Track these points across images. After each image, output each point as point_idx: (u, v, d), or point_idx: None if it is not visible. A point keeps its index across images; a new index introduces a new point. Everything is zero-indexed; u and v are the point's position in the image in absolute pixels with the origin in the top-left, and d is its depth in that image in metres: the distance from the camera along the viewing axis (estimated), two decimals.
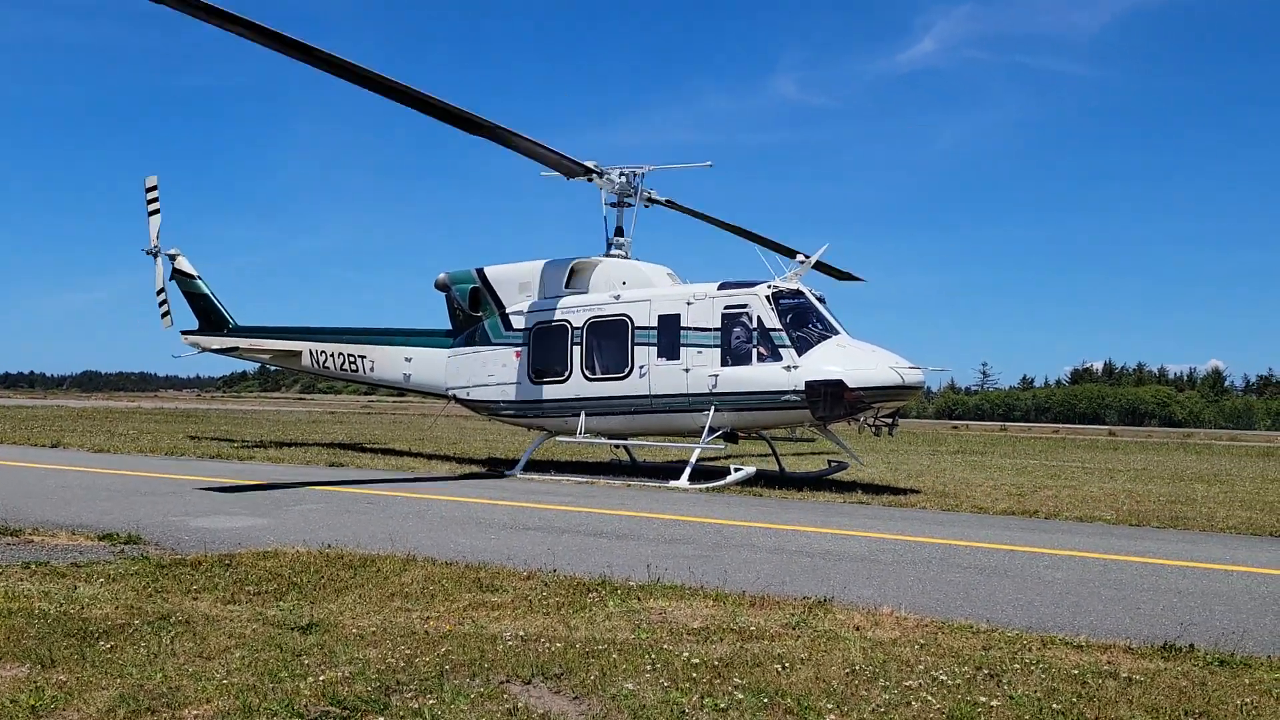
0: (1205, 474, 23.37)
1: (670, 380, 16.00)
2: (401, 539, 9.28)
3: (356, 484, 14.65)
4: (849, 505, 13.63)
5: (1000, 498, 15.16)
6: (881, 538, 10.31)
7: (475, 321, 18.52)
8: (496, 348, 18.04)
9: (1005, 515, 12.99)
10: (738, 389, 15.49)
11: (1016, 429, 74.04)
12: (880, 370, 14.75)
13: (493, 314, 18.25)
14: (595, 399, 16.76)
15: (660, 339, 16.22)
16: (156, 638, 5.65)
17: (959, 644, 5.95)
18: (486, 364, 18.11)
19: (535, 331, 17.55)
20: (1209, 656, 5.84)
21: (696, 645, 5.76)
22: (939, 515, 12.78)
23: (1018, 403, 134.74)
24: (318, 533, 9.58)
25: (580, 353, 16.92)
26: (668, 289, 17.13)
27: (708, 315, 15.90)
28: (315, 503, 12.23)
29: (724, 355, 15.72)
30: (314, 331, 21.81)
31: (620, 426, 17.00)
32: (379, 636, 5.81)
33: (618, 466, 19.47)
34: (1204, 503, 15.52)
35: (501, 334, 18.02)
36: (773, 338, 15.42)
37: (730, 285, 16.15)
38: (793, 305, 15.91)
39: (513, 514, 11.60)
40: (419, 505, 12.24)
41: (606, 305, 16.91)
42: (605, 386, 16.71)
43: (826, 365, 14.95)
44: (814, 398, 14.87)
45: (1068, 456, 30.74)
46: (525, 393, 17.57)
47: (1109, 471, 23.20)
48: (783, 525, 11.10)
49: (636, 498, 13.83)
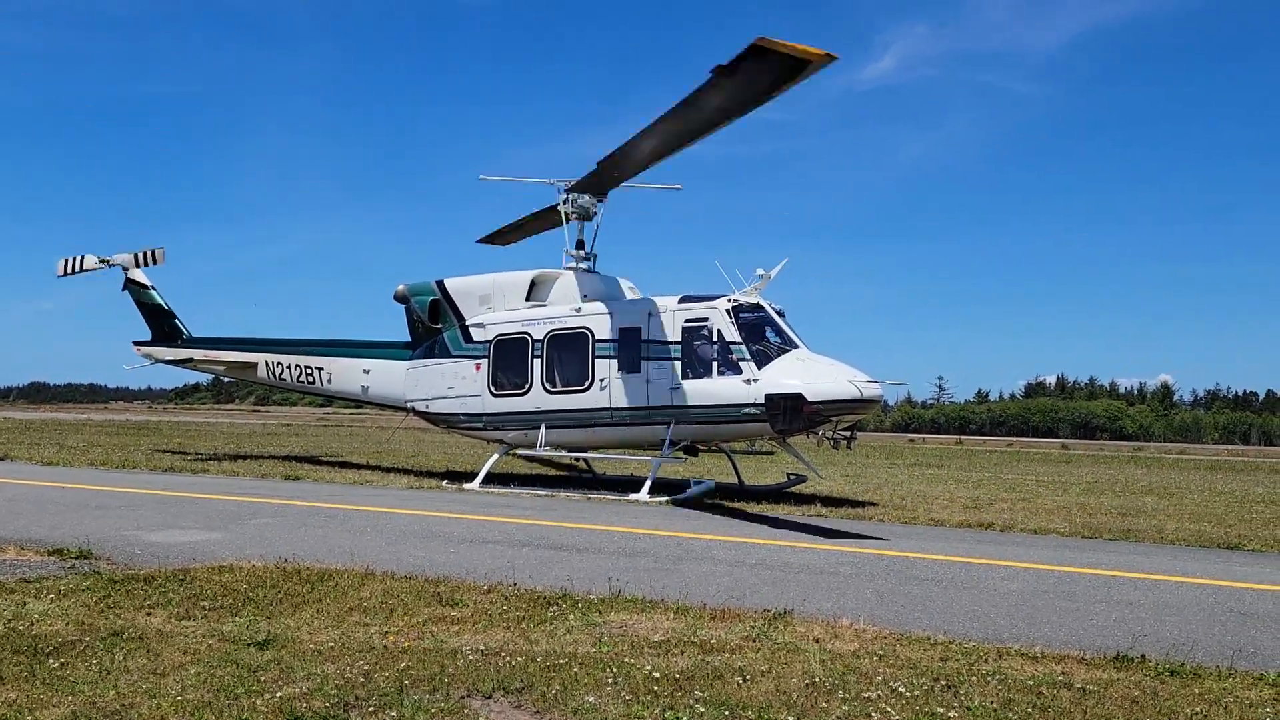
0: (1155, 487, 23.84)
1: (631, 393, 16.03)
2: (359, 553, 9.20)
3: (313, 497, 14.51)
4: (808, 518, 13.71)
5: (956, 510, 15.33)
6: (841, 550, 10.38)
7: (435, 333, 18.43)
8: (456, 360, 17.95)
9: (961, 528, 13.14)
10: (698, 402, 15.55)
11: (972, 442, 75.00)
12: (839, 384, 14.88)
13: (452, 326, 18.17)
14: (556, 412, 16.74)
15: (621, 352, 16.25)
16: (109, 654, 5.55)
17: (917, 655, 6.02)
18: (446, 376, 18.03)
19: (495, 344, 17.50)
20: (1160, 667, 5.96)
21: (657, 658, 5.77)
22: (897, 529, 12.89)
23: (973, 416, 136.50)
24: (274, 546, 9.47)
25: (541, 365, 16.90)
26: (629, 301, 17.16)
27: (668, 328, 15.95)
28: (271, 516, 12.10)
29: (684, 368, 15.78)
30: (270, 343, 21.55)
31: (581, 439, 16.97)
32: (337, 652, 5.76)
33: (578, 480, 19.43)
34: (1154, 515, 15.83)
35: (461, 346, 17.95)
36: (733, 351, 15.52)
37: (691, 299, 16.22)
38: (753, 319, 16.00)
39: (472, 527, 11.54)
40: (377, 519, 12.15)
41: (567, 318, 16.91)
42: (566, 399, 16.69)
43: (786, 379, 15.06)
44: (773, 411, 14.96)
45: (1022, 469, 31.19)
46: (485, 405, 17.50)
47: (1062, 484, 23.57)
48: (743, 538, 11.14)
49: (597, 511, 13.82)
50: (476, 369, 17.64)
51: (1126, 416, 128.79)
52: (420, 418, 19.28)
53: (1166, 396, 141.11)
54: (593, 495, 15.91)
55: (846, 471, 25.22)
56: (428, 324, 18.44)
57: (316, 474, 19.11)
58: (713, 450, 18.80)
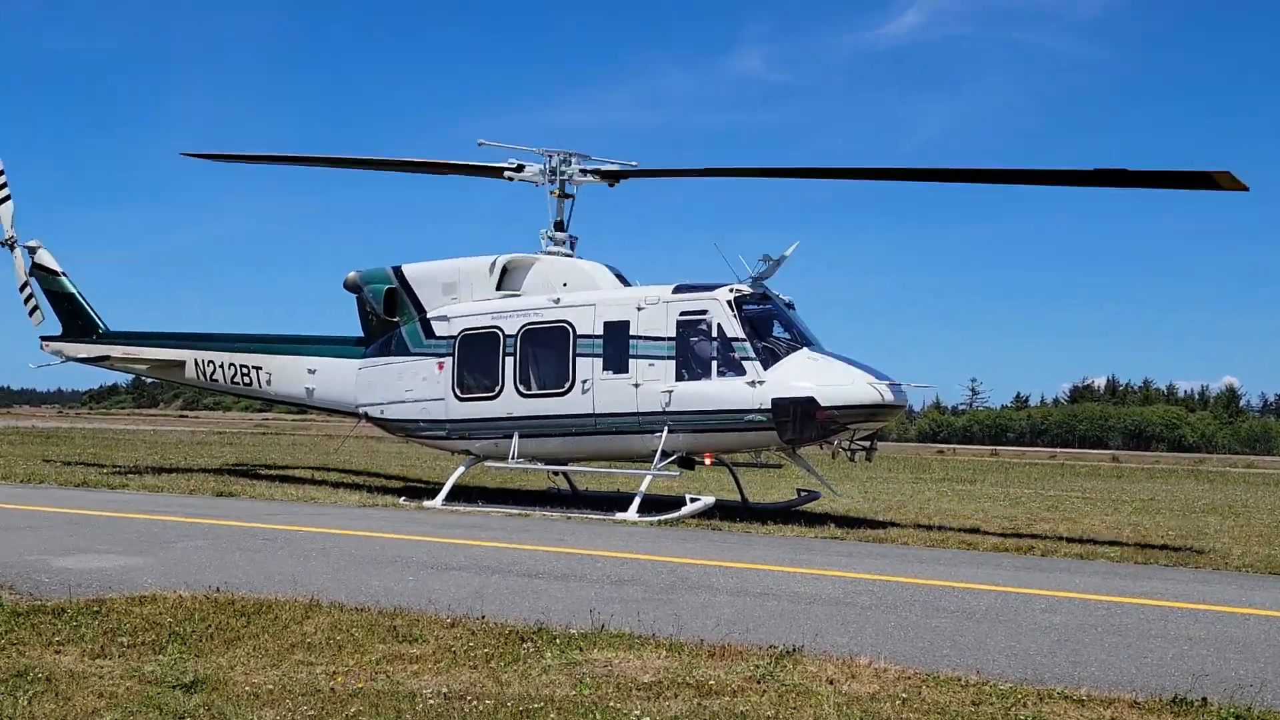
0: (1219, 505, 23.96)
1: (618, 397, 16.03)
2: (303, 580, 9.18)
3: (250, 516, 14.46)
4: (821, 540, 13.73)
5: (991, 531, 15.37)
6: (858, 578, 10.40)
7: (391, 327, 18.40)
8: (415, 358, 17.92)
9: (997, 552, 13.18)
10: (695, 407, 15.56)
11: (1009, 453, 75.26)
12: (857, 387, 14.90)
13: (411, 319, 18.15)
14: (531, 418, 16.73)
15: (606, 349, 16.24)
16: (11, 698, 5.52)
17: (946, 699, 6.03)
18: (404, 377, 18.00)
19: (461, 340, 17.48)
20: (1224, 711, 5.99)
21: (648, 702, 5.77)
22: (922, 552, 12.93)
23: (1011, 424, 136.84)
24: (204, 574, 9.44)
25: (513, 365, 16.89)
26: (615, 292, 17.15)
27: (661, 322, 15.96)
28: (200, 538, 12.05)
29: (679, 368, 15.78)
30: (200, 338, 21.48)
31: (559, 450, 16.96)
32: (277, 695, 5.74)
33: (556, 496, 19.43)
34: (1217, 537, 15.91)
35: (422, 342, 17.92)
36: (735, 348, 15.53)
37: (687, 288, 16.23)
38: (758, 311, 16.01)
39: (434, 551, 11.52)
40: (324, 541, 12.12)
41: (544, 310, 16.91)
42: (542, 404, 16.68)
43: (796, 380, 15.08)
44: (782, 417, 14.98)
45: (1067, 485, 31.31)
46: (449, 410, 17.48)
47: (1112, 502, 23.68)
48: (746, 564, 11.16)
49: (578, 532, 13.81)
50: (439, 368, 17.61)
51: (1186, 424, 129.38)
52: (374, 424, 19.23)
53: (1232, 402, 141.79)
54: (573, 514, 15.90)
55: (865, 487, 25.26)
56: (383, 317, 18.40)
57: (254, 489, 19.05)
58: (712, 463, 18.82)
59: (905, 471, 35.96)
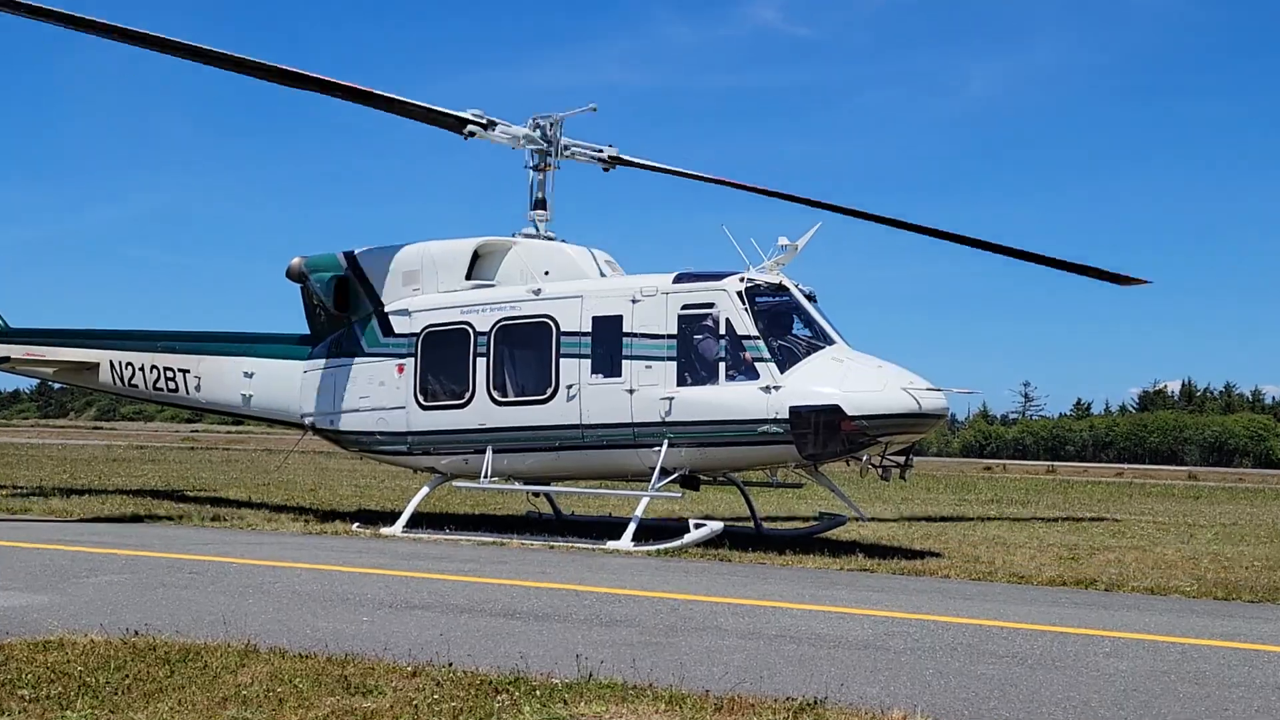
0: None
1: (609, 404, 16.02)
2: (238, 622, 9.16)
3: (176, 546, 14.41)
4: (848, 574, 13.72)
5: (1047, 562, 15.37)
6: (891, 617, 10.41)
7: (342, 324, 18.38)
8: (371, 360, 17.91)
9: (1053, 586, 13.19)
10: (699, 417, 15.55)
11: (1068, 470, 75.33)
12: (890, 392, 14.90)
13: (366, 314, 18.13)
14: (507, 430, 16.71)
15: (595, 349, 16.24)
16: None
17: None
18: (357, 382, 17.98)
19: (425, 338, 17.47)
20: None
21: None
22: (966, 586, 12.93)
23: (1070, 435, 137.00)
24: (121, 614, 9.41)
25: (486, 367, 16.87)
26: (606, 282, 17.15)
27: (659, 317, 15.95)
28: (117, 572, 12.03)
29: (681, 371, 15.78)
30: (118, 337, 21.44)
31: (540, 467, 16.95)
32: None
33: (537, 521, 19.42)
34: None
35: (378, 341, 17.90)
36: (747, 348, 15.52)
37: (690, 277, 16.22)
38: (774, 304, 16.02)
39: (393, 586, 11.51)
40: (263, 575, 12.11)
41: (523, 303, 16.89)
42: (520, 413, 16.67)
43: (818, 385, 15.07)
44: (801, 429, 14.97)
45: (1135, 507, 31.32)
46: (410, 421, 17.46)
47: (1188, 527, 23.69)
48: (759, 600, 11.15)
49: (562, 564, 13.80)
50: (399, 372, 17.59)
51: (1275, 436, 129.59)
52: (323, 437, 19.21)
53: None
54: (557, 543, 15.89)
55: (899, 510, 25.24)
56: (332, 311, 18.39)
57: (180, 514, 19.01)
58: (720, 482, 18.81)
59: (946, 492, 35.95)
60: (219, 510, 20.00)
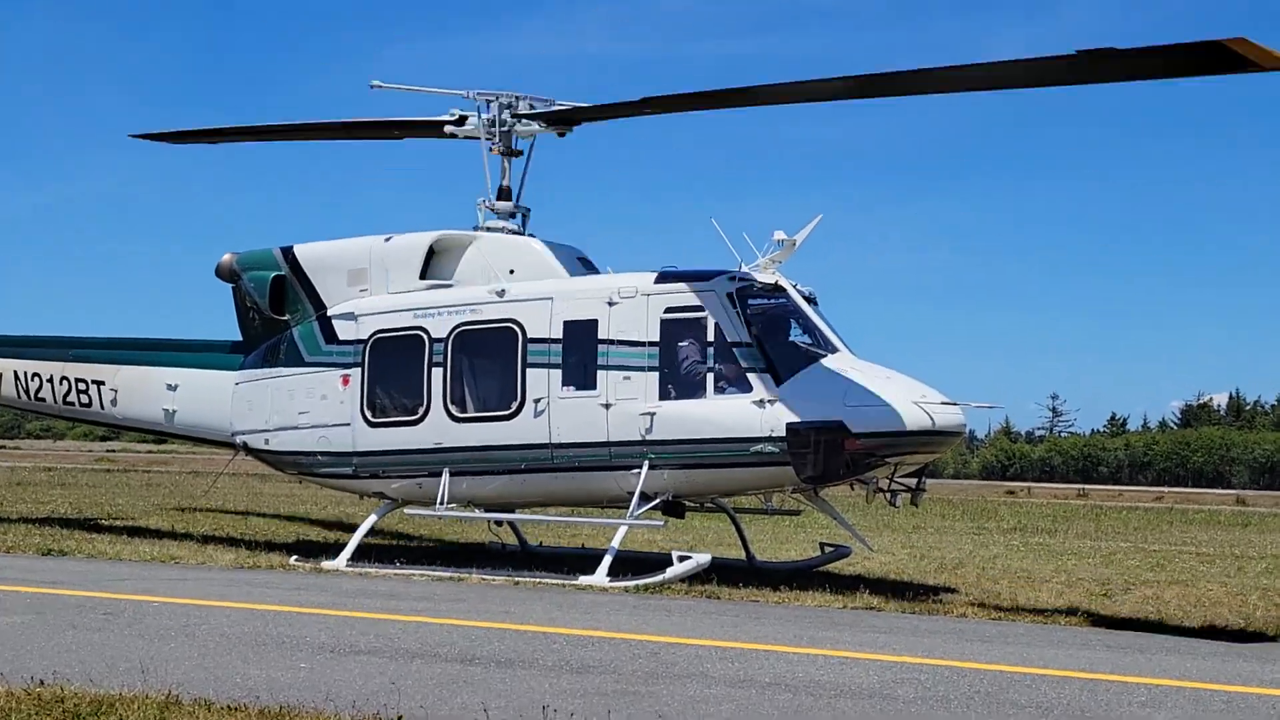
0: None
1: (582, 421, 16.01)
2: (159, 669, 9.09)
3: (88, 583, 14.32)
4: (851, 612, 13.74)
5: (1076, 600, 15.41)
6: (899, 661, 10.41)
7: (279, 329, 18.33)
8: (312, 370, 17.85)
9: (1084, 627, 13.23)
10: (685, 435, 15.55)
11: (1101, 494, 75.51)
12: (900, 407, 14.92)
13: (307, 318, 18.08)
14: (466, 450, 16.68)
15: (567, 358, 16.23)
16: None
17: None
18: (296, 395, 17.93)
19: (373, 345, 17.43)
20: None
21: None
22: (985, 627, 12.94)
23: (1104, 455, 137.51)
24: (23, 660, 9.33)
25: (443, 378, 16.84)
26: (579, 281, 17.13)
27: (640, 321, 15.96)
28: (20, 613, 11.93)
29: (664, 383, 15.78)
30: (22, 343, 21.26)
31: (504, 491, 16.92)
32: None
33: (500, 554, 19.38)
34: None
35: (320, 349, 17.85)
36: (738, 356, 15.53)
37: (675, 276, 16.24)
38: (769, 307, 16.04)
39: (335, 629, 11.46)
40: (187, 616, 12.03)
41: (484, 305, 16.87)
42: (481, 431, 16.65)
43: (819, 399, 15.08)
44: (800, 448, 14.98)
45: (1176, 536, 31.41)
46: (356, 440, 17.41)
47: (1236, 559, 23.77)
48: (752, 644, 11.14)
49: (529, 602, 13.78)
50: (343, 384, 17.55)
51: None
52: (256, 458, 19.12)
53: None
54: (522, 578, 15.87)
55: (910, 541, 25.28)
56: (268, 314, 18.34)
57: (93, 545, 18.90)
58: (707, 509, 18.80)
59: (963, 519, 35.99)
60: (138, 541, 19.87)
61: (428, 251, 17.74)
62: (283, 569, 16.87)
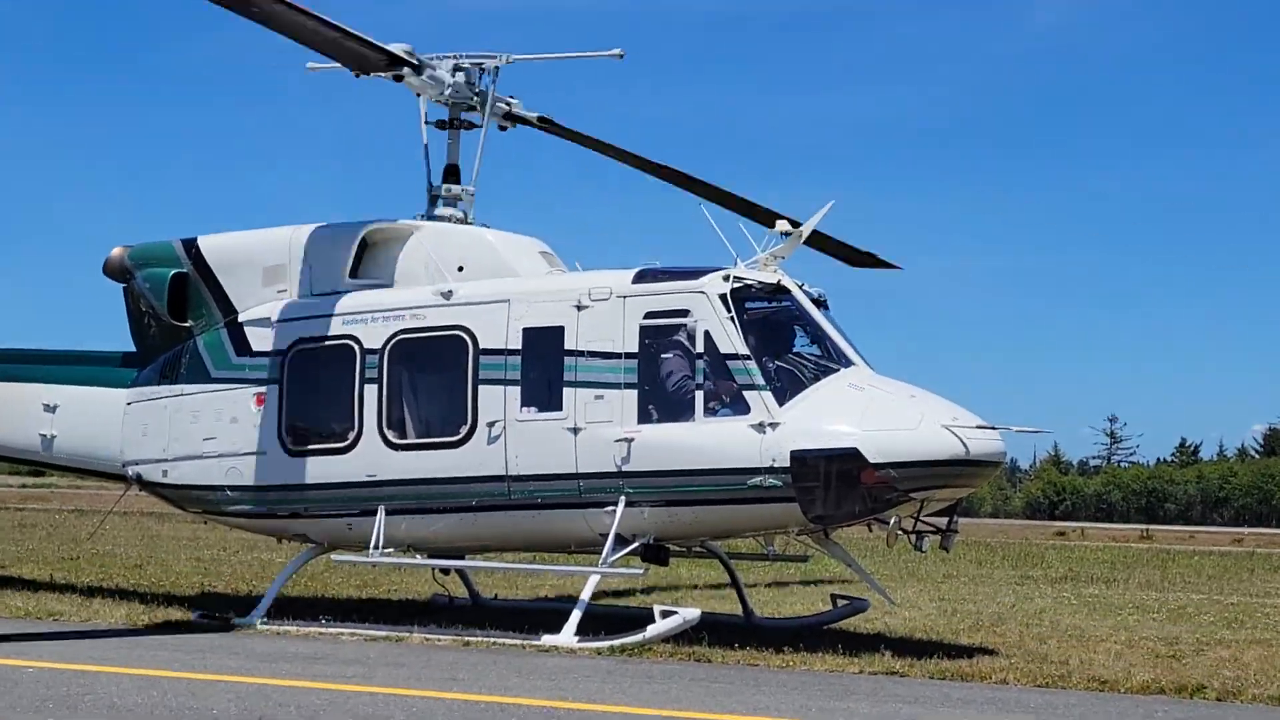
0: None
1: (545, 449, 16.00)
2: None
3: None
4: (869, 678, 13.72)
5: (1138, 662, 15.42)
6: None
7: (181, 337, 18.29)
8: (220, 387, 17.82)
9: (1147, 695, 13.21)
10: (669, 465, 15.55)
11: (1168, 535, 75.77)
12: (927, 432, 14.93)
13: (214, 324, 18.05)
14: (406, 483, 16.66)
15: (527, 372, 16.25)
16: None
17: None
18: (200, 418, 17.89)
19: (294, 357, 17.40)
20: None
21: None
22: (1031, 696, 12.95)
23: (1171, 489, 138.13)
24: None
25: (378, 397, 16.82)
26: (543, 281, 17.15)
27: (615, 329, 15.95)
28: None
29: (644, 403, 15.79)
30: None
31: (452, 534, 16.93)
32: None
33: (447, 608, 19.38)
34: None
35: (229, 362, 17.83)
36: (733, 371, 15.54)
37: (657, 275, 16.25)
38: (770, 312, 16.09)
39: (248, 699, 11.41)
40: (69, 684, 11.97)
41: (428, 309, 16.86)
42: (425, 460, 16.65)
43: (830, 422, 15.10)
44: (807, 481, 14.98)
45: (1259, 585, 31.44)
46: (273, 471, 17.38)
47: None
48: (749, 716, 11.13)
49: (481, 667, 13.76)
50: (257, 404, 17.52)
51: None
52: (153, 493, 19.09)
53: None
54: (474, 637, 15.83)
55: (939, 592, 25.26)
56: (167, 320, 18.31)
57: None
58: (697, 554, 18.80)
59: (1004, 565, 36.04)
60: (9, 594, 19.80)
61: (360, 244, 17.74)
62: (185, 627, 16.77)
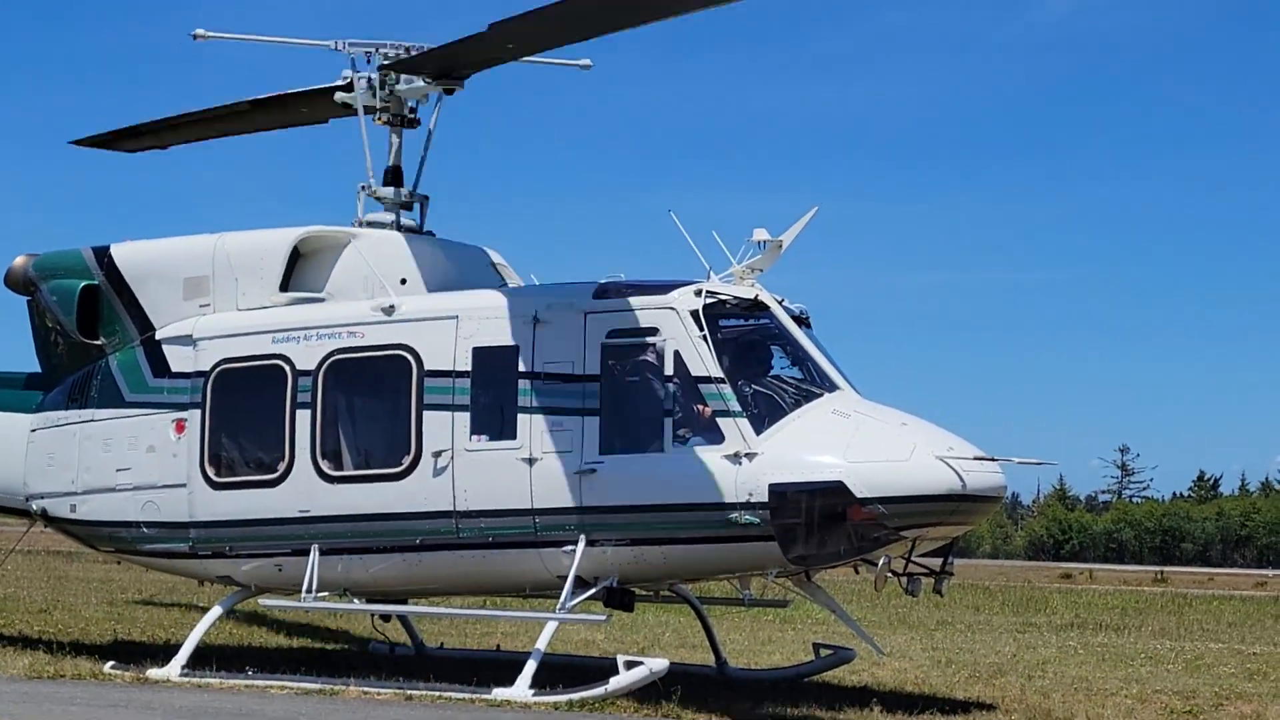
0: None
1: (497, 482, 16.00)
2: None
3: None
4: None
5: (1152, 718, 15.50)
6: None
7: (91, 356, 18.27)
8: (135, 413, 17.78)
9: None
10: (634, 500, 15.57)
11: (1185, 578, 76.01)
12: (919, 463, 14.97)
13: (129, 342, 18.02)
14: (342, 520, 16.64)
15: (478, 397, 16.26)
16: None
17: None
18: (113, 446, 17.85)
19: (217, 379, 17.36)
20: None
21: None
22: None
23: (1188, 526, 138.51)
24: None
25: (311, 424, 16.79)
26: (495, 296, 17.14)
27: (574, 348, 15.97)
28: None
29: (607, 431, 15.80)
30: None
31: (393, 576, 16.90)
32: None
33: (387, 658, 19.34)
34: None
35: (146, 384, 17.79)
36: (705, 396, 15.56)
37: (621, 289, 16.26)
38: (746, 331, 16.15)
39: None
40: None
41: (367, 326, 16.86)
42: (363, 494, 16.64)
43: (813, 453, 15.14)
44: (787, 517, 14.98)
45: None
46: (195, 506, 17.33)
47: None
48: None
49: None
50: (177, 431, 17.49)
51: None
52: (60, 530, 19.09)
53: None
54: (417, 690, 15.82)
55: (933, 641, 25.33)
56: (76, 337, 18.30)
57: None
58: (665, 598, 18.82)
59: (1004, 611, 36.14)
60: None
61: (291, 254, 17.70)
62: (95, 679, 16.69)
